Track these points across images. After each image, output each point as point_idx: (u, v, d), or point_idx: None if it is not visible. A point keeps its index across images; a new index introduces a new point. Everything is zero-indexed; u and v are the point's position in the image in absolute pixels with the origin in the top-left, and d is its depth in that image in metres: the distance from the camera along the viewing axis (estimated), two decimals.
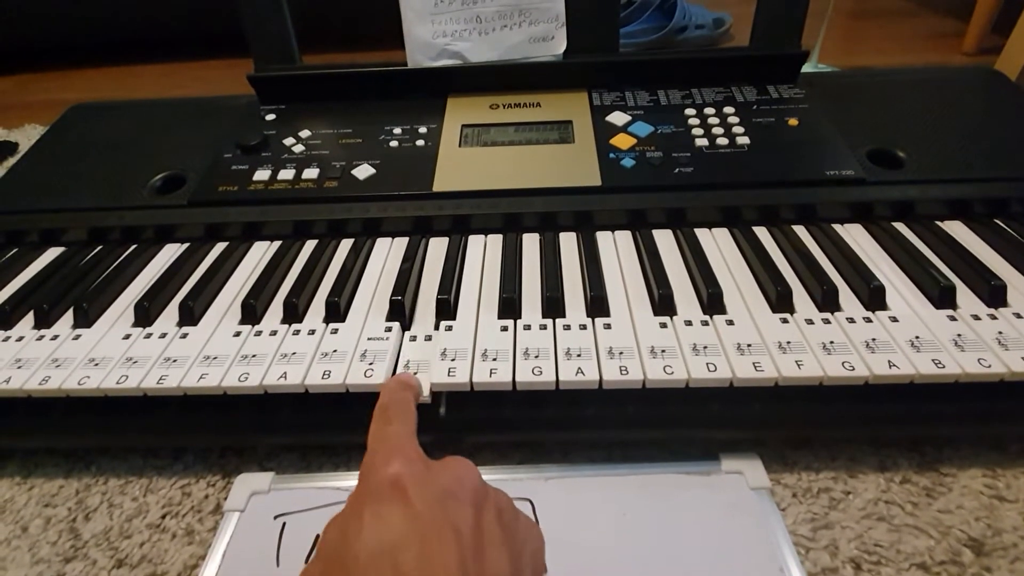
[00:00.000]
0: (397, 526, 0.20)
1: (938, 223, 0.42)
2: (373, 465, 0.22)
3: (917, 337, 0.33)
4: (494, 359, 0.33)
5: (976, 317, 0.34)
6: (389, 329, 0.36)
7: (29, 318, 0.39)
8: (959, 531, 0.31)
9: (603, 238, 0.43)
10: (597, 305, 0.36)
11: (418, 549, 0.19)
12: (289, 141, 0.50)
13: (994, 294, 0.35)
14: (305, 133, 0.51)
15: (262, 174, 0.47)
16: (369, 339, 0.35)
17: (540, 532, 0.25)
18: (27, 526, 0.34)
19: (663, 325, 0.35)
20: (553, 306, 0.37)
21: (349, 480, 0.34)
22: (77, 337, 0.37)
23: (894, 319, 0.34)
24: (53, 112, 0.60)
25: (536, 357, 0.33)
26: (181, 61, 1.09)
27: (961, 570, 0.30)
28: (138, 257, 0.44)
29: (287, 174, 0.47)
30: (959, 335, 0.33)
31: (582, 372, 0.32)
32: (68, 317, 0.39)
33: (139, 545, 0.33)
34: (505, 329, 0.35)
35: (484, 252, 0.42)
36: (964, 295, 0.36)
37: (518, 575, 0.21)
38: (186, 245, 0.45)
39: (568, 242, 0.43)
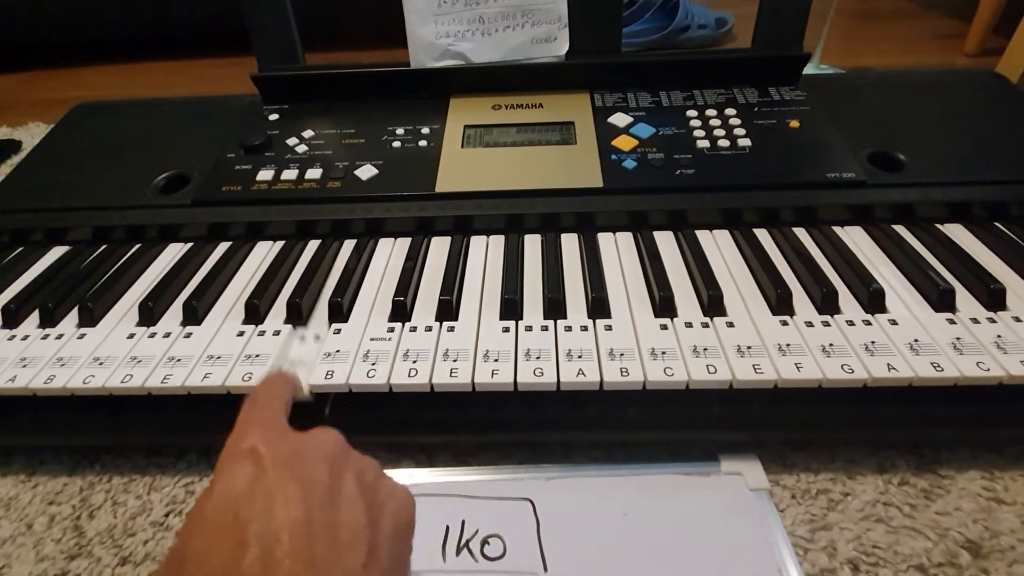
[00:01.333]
0: (243, 483, 0.21)
1: (938, 226, 0.42)
2: (231, 440, 0.23)
3: (916, 340, 0.33)
4: (496, 360, 0.34)
5: (975, 320, 0.34)
6: (392, 330, 0.36)
7: (34, 317, 0.39)
8: (957, 533, 0.32)
9: (604, 239, 0.43)
10: (598, 306, 0.37)
11: (262, 502, 0.20)
12: (292, 141, 0.50)
13: (993, 297, 0.35)
14: (308, 133, 0.51)
15: (265, 174, 0.48)
16: (372, 339, 0.36)
17: (407, 493, 0.25)
18: (32, 523, 0.35)
19: (664, 327, 0.35)
20: (554, 307, 0.37)
21: None
22: (82, 336, 0.37)
23: (893, 322, 0.35)
24: (57, 110, 0.60)
25: (538, 358, 0.34)
26: (185, 59, 1.09)
27: (959, 572, 0.30)
28: (142, 256, 0.44)
29: (290, 174, 0.47)
30: (958, 338, 0.33)
31: (583, 373, 0.32)
32: (73, 316, 0.39)
33: (143, 543, 0.33)
34: (507, 330, 0.36)
35: (486, 253, 0.43)
36: (963, 298, 0.36)
37: (374, 526, 0.22)
38: (190, 245, 0.45)
39: (570, 243, 0.43)
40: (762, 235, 0.42)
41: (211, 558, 0.19)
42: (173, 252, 0.45)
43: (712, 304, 0.36)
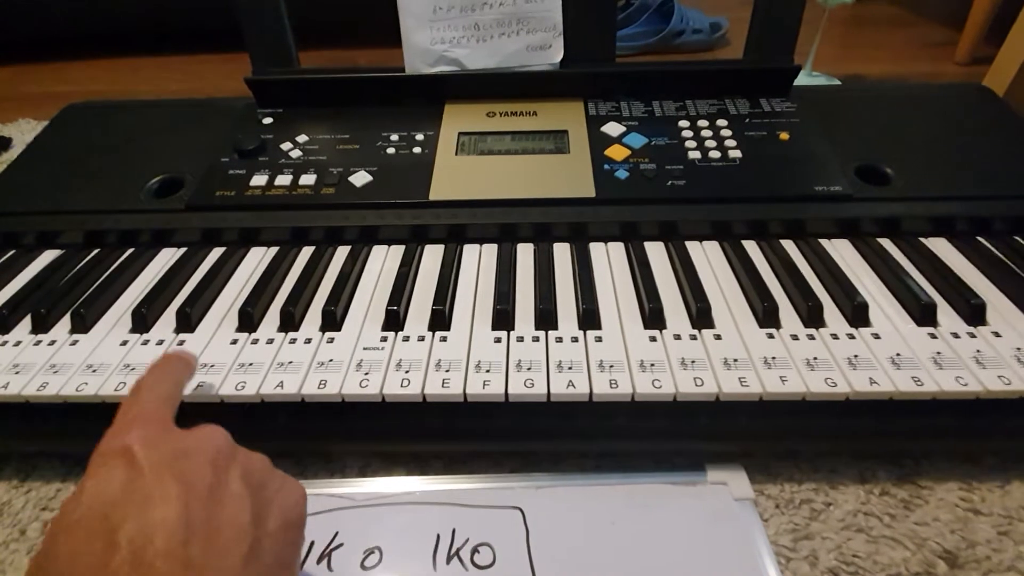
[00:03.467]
0: (115, 486, 0.20)
1: (922, 240, 0.43)
2: (107, 437, 0.23)
3: (898, 354, 0.34)
4: (487, 371, 0.34)
5: (956, 335, 0.35)
6: (385, 339, 0.37)
7: (26, 322, 0.39)
8: (934, 543, 0.33)
9: (596, 249, 0.44)
10: (589, 318, 0.37)
11: (137, 503, 0.20)
12: (287, 146, 0.51)
13: (974, 312, 0.36)
14: (303, 138, 0.51)
15: (259, 179, 0.48)
16: (365, 348, 0.36)
17: (299, 490, 0.25)
18: (25, 529, 0.35)
19: (653, 339, 0.36)
20: (546, 318, 0.37)
21: (344, 487, 0.35)
22: (75, 343, 0.38)
23: (876, 336, 0.35)
24: (48, 106, 0.59)
25: (528, 369, 0.34)
26: (178, 54, 1.08)
27: None
28: (135, 261, 0.44)
29: (284, 180, 0.48)
30: (938, 353, 0.34)
31: (573, 385, 0.33)
32: (66, 321, 0.39)
33: None
34: (499, 340, 0.36)
35: (479, 262, 0.43)
36: (945, 313, 0.37)
37: (259, 523, 0.21)
38: (183, 250, 0.46)
39: (562, 253, 0.44)
40: (751, 247, 0.43)
41: (78, 562, 0.19)
42: (166, 257, 0.45)
43: (700, 316, 0.37)
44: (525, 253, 0.44)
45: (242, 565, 0.20)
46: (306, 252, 0.45)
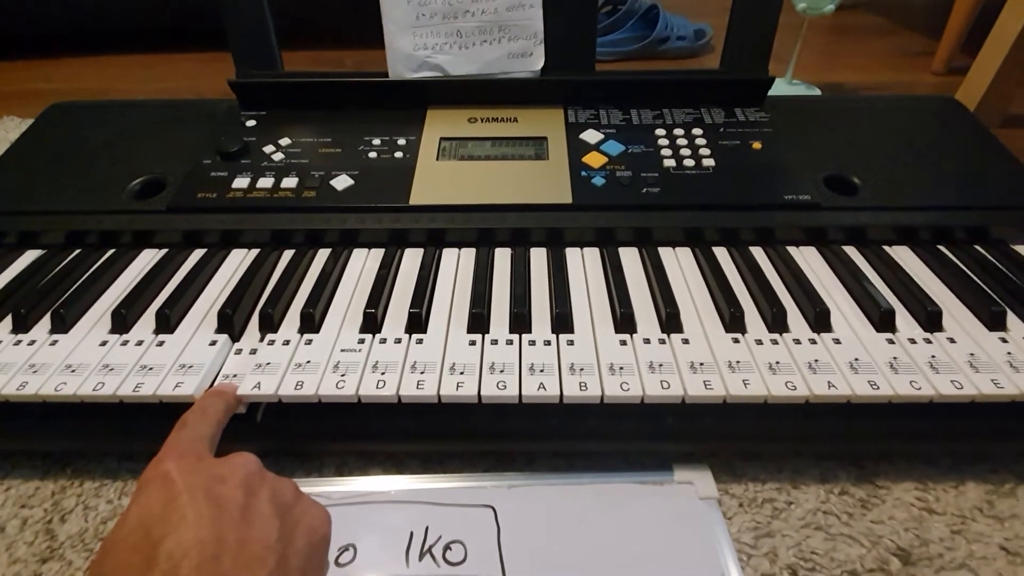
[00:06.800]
0: (156, 505, 0.23)
1: (886, 248, 0.44)
2: (150, 465, 0.25)
3: (857, 359, 0.35)
4: (461, 373, 0.35)
5: (912, 341, 0.37)
6: (362, 341, 0.37)
7: (7, 322, 0.40)
8: (889, 541, 0.34)
9: (572, 254, 0.45)
10: (561, 322, 0.38)
11: (174, 524, 0.22)
12: (269, 149, 0.51)
13: (930, 319, 0.38)
14: (285, 141, 0.52)
15: (241, 181, 0.48)
16: (342, 350, 0.37)
17: (324, 513, 0.27)
18: (4, 526, 0.35)
19: (623, 343, 0.37)
20: (520, 322, 0.38)
21: (321, 486, 0.36)
22: (54, 343, 0.38)
23: (837, 341, 0.37)
24: (31, 103, 0.59)
25: (501, 372, 0.35)
26: (163, 53, 1.08)
27: None
28: (116, 262, 0.45)
29: (266, 182, 0.48)
30: (895, 358, 0.35)
31: (544, 388, 0.34)
32: (45, 322, 0.40)
33: None
34: (473, 343, 0.37)
35: (457, 266, 0.44)
36: (903, 319, 0.38)
37: (286, 542, 0.24)
38: (164, 251, 0.46)
39: (538, 258, 0.45)
40: (721, 254, 0.44)
41: (122, 574, 0.21)
42: (147, 258, 0.46)
43: (669, 321, 0.38)
44: (502, 257, 0.45)
45: None
46: (287, 255, 0.45)
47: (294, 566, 0.23)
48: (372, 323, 0.39)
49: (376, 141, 0.52)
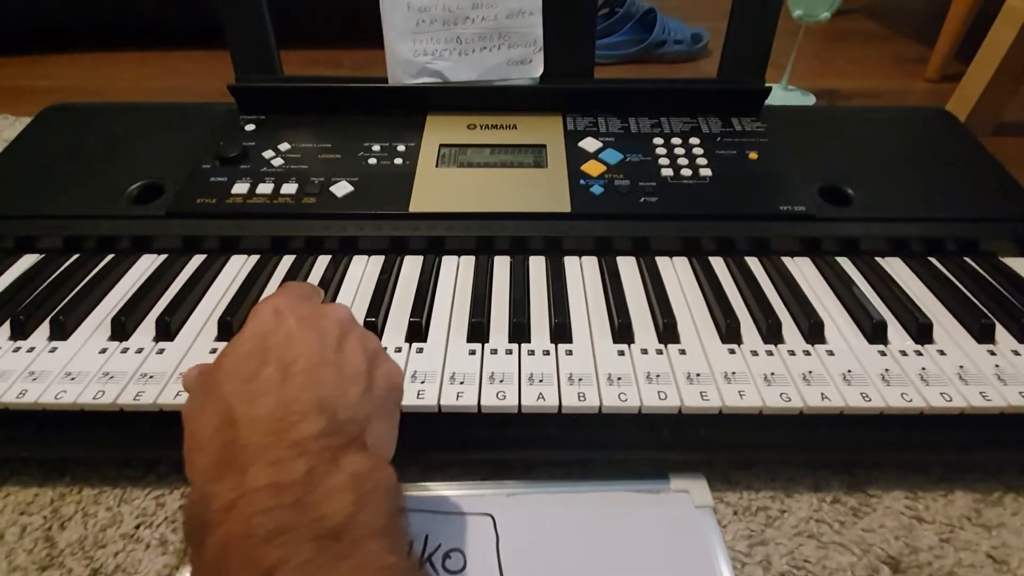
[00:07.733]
0: (269, 324, 0.27)
1: (879, 259, 0.45)
2: (260, 302, 0.29)
3: (849, 371, 0.36)
4: (461, 382, 0.35)
5: (904, 353, 0.37)
6: None
7: (5, 328, 0.40)
8: (879, 549, 0.35)
9: (571, 263, 0.45)
10: (560, 331, 0.39)
11: (283, 337, 0.26)
12: (268, 154, 0.51)
13: (921, 331, 0.38)
14: (284, 146, 0.52)
15: (241, 187, 0.48)
16: None
17: (399, 367, 0.30)
18: (3, 534, 0.35)
19: (621, 353, 0.37)
20: (519, 331, 0.39)
21: None
22: (53, 350, 0.38)
23: (831, 352, 0.37)
24: (24, 101, 0.58)
25: (501, 381, 0.35)
26: (158, 50, 1.07)
27: None
28: (115, 268, 0.45)
29: (266, 188, 0.48)
30: (887, 370, 0.36)
31: (543, 398, 0.34)
32: (44, 328, 0.40)
33: (113, 555, 0.34)
34: (473, 353, 0.37)
35: (456, 274, 0.44)
36: (895, 331, 0.39)
37: (372, 373, 0.27)
38: (163, 257, 0.46)
39: (537, 266, 0.45)
40: (718, 264, 0.45)
41: (240, 371, 0.25)
42: (146, 264, 0.46)
43: (666, 331, 0.39)
44: (502, 266, 0.45)
45: (360, 394, 0.26)
46: (286, 261, 0.46)
47: (378, 396, 0.27)
48: (372, 331, 0.39)
49: (376, 147, 0.52)
